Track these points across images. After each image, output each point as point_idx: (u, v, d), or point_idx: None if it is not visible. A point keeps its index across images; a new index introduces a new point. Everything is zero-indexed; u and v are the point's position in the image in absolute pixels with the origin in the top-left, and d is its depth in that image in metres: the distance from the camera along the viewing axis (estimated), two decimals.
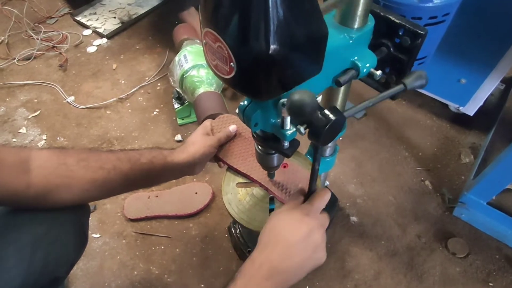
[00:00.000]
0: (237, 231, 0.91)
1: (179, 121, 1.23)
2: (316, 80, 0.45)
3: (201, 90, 1.06)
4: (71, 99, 1.32)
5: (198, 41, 1.24)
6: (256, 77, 0.34)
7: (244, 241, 0.88)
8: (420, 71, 0.45)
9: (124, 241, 0.95)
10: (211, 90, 1.06)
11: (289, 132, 0.45)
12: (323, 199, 0.49)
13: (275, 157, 0.56)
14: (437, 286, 0.85)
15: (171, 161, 0.61)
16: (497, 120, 1.14)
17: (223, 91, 1.19)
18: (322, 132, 0.41)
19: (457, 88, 1.07)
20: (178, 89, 1.17)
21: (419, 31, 0.47)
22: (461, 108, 1.13)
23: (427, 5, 0.65)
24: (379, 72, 0.49)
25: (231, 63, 0.33)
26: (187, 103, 1.20)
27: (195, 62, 1.09)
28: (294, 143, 0.50)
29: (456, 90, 1.08)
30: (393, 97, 0.49)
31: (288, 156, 0.49)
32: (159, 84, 1.37)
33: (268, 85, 0.34)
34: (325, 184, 0.98)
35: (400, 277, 0.87)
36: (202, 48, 1.25)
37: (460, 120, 1.18)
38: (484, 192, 0.93)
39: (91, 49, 1.54)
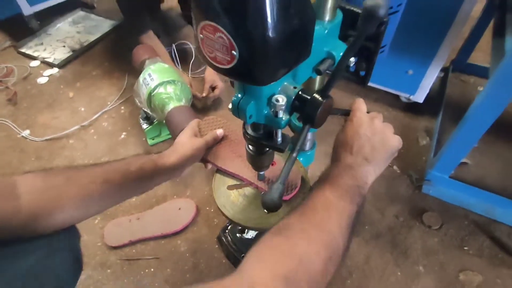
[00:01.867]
0: (228, 238, 0.90)
1: (150, 142, 1.20)
2: (300, 70, 0.49)
3: (171, 106, 1.05)
4: (26, 132, 1.24)
5: (159, 59, 1.24)
6: (257, 62, 0.36)
7: (237, 247, 0.88)
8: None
9: (109, 271, 0.89)
10: (181, 105, 1.06)
11: (283, 119, 0.47)
12: (358, 103, 0.54)
13: (265, 158, 0.58)
14: (421, 258, 0.91)
15: (162, 165, 0.60)
16: (442, 104, 1.28)
17: (192, 106, 1.20)
18: (316, 114, 0.45)
19: (406, 79, 1.19)
20: (145, 109, 1.15)
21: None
22: (411, 97, 1.25)
23: None
24: (352, 59, 0.54)
25: (233, 51, 0.35)
26: (156, 122, 1.18)
27: (161, 80, 1.09)
28: (286, 138, 0.52)
29: (406, 81, 1.20)
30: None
31: (282, 151, 0.52)
32: (122, 107, 1.34)
33: (268, 69, 0.37)
34: None
35: (388, 256, 0.92)
36: (165, 65, 1.24)
37: (411, 108, 1.31)
38: (445, 167, 1.03)
39: (42, 80, 1.46)
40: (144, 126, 1.19)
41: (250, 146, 0.57)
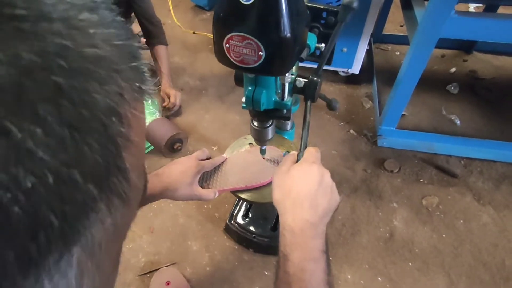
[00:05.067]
0: (236, 226, 0.99)
1: None
2: None
3: (147, 121, 1.09)
4: None
5: None
6: (278, 57, 0.46)
7: (246, 230, 0.97)
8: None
9: None
10: (156, 118, 1.10)
11: (288, 102, 0.59)
12: (316, 153, 0.54)
13: (270, 130, 0.68)
14: (393, 197, 1.11)
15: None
16: (374, 71, 1.52)
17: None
18: (315, 92, 0.57)
19: (342, 56, 1.39)
20: None
21: (338, 10, 0.67)
22: (349, 70, 1.46)
23: None
24: (322, 45, 0.68)
25: (260, 52, 0.45)
26: None
27: None
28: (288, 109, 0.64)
29: (343, 58, 1.40)
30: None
31: (288, 119, 0.63)
32: None
33: (286, 62, 0.48)
34: None
35: (368, 202, 1.10)
36: None
37: (351, 80, 1.52)
38: (390, 121, 1.25)
39: None
40: None
41: (255, 122, 0.66)
